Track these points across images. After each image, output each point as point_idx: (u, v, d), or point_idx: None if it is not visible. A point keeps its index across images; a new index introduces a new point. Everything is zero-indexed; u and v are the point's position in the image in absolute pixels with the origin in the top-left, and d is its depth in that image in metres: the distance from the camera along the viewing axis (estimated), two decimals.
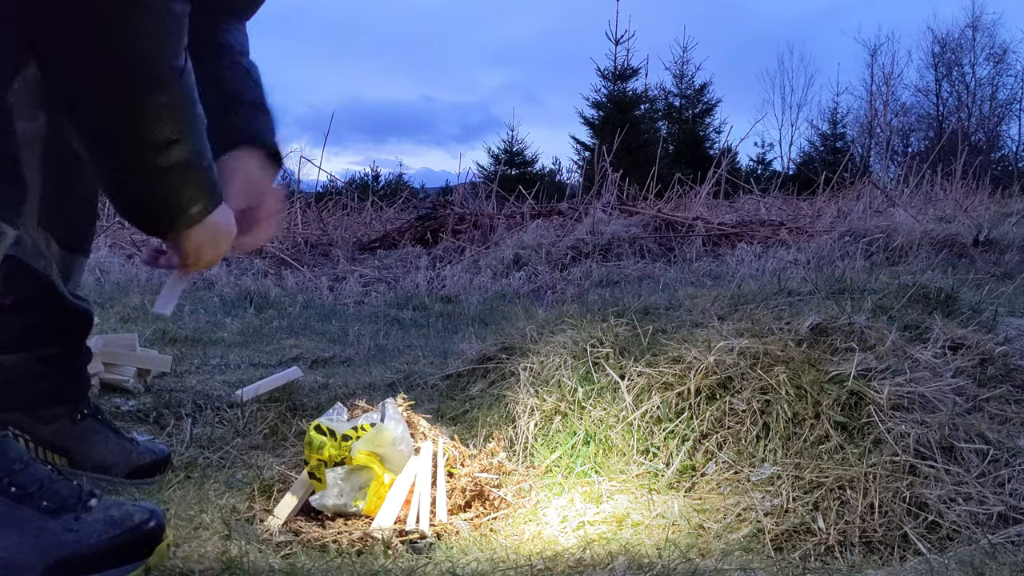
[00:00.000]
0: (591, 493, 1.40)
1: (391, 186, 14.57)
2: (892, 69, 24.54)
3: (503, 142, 16.66)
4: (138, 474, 1.37)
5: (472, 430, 1.65)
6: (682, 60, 18.80)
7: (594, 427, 1.55)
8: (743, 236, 4.98)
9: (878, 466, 1.32)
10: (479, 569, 1.09)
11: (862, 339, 1.69)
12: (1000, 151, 23.35)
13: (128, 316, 2.99)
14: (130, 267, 4.55)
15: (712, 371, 1.57)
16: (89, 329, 1.38)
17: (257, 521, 1.28)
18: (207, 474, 1.42)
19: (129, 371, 1.88)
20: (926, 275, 2.28)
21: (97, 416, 1.39)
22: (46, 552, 0.94)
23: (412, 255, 5.19)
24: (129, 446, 1.39)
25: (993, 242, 4.50)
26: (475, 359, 1.85)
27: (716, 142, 17.62)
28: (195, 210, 1.08)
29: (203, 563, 1.03)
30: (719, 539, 1.23)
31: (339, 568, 1.08)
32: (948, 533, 1.21)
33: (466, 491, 1.36)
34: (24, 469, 0.99)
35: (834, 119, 21.38)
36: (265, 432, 1.67)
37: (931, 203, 6.62)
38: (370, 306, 3.65)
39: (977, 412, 1.50)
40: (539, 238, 4.99)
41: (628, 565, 1.07)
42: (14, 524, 0.94)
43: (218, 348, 2.41)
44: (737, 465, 1.44)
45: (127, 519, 0.98)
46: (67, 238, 1.30)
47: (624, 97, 15.88)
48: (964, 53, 24.82)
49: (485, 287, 4.15)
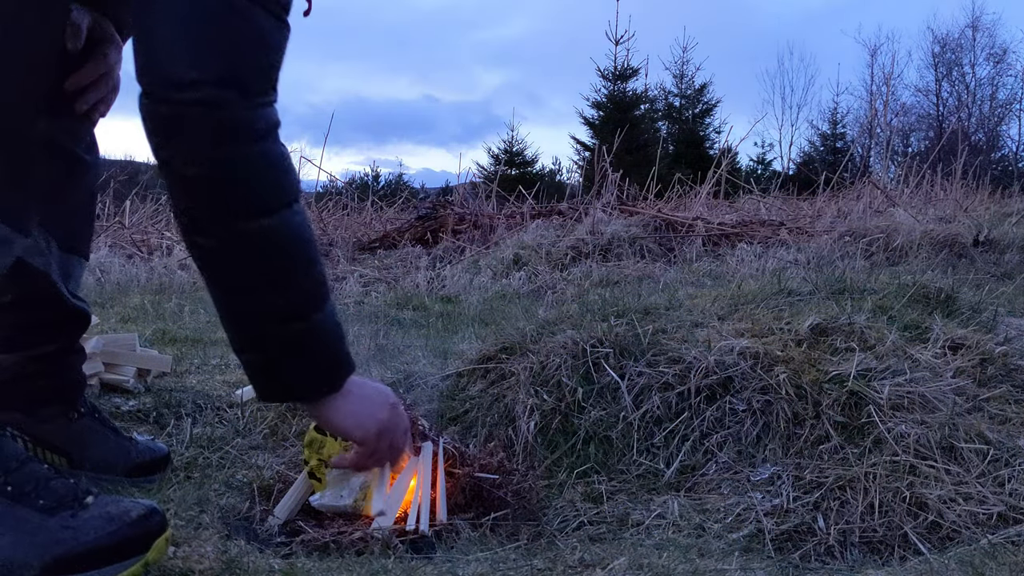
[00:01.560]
0: (591, 493, 1.40)
1: (391, 186, 14.58)
2: (892, 69, 24.56)
3: (503, 142, 16.68)
4: (138, 473, 1.37)
5: (472, 430, 1.65)
6: (682, 60, 18.82)
7: (594, 427, 1.55)
8: (743, 236, 4.98)
9: (878, 466, 1.32)
10: (479, 569, 1.09)
11: (862, 339, 1.69)
12: (1000, 151, 23.37)
13: (128, 316, 2.99)
14: (130, 267, 4.55)
15: (712, 371, 1.57)
16: (86, 329, 1.38)
17: (257, 521, 1.28)
18: (207, 474, 1.42)
19: (129, 371, 1.88)
20: (926, 275, 2.28)
21: (94, 415, 1.39)
22: (43, 550, 0.93)
23: (412, 255, 5.18)
24: (128, 445, 1.39)
25: (993, 242, 4.50)
26: (475, 359, 1.85)
27: (716, 142, 17.63)
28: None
29: (203, 563, 1.03)
30: (719, 539, 1.23)
31: (339, 568, 1.08)
32: (948, 533, 1.21)
33: (466, 491, 1.36)
34: (20, 468, 0.99)
35: (834, 119, 21.41)
36: (265, 432, 1.67)
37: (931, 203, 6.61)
38: (370, 306, 3.65)
39: (977, 412, 1.50)
40: (539, 238, 4.99)
41: (628, 565, 1.07)
42: (11, 523, 0.94)
43: (218, 348, 2.41)
44: (737, 465, 1.44)
45: (124, 515, 0.98)
46: (67, 240, 1.30)
47: (624, 97, 15.88)
48: (964, 53, 24.84)
49: (485, 287, 4.15)
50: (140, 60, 0.95)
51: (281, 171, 1.03)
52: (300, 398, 1.14)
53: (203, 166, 0.95)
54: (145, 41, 0.95)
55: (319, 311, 1.09)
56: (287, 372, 1.09)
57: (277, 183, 1.02)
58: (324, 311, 1.10)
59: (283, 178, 1.02)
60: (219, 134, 0.95)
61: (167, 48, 0.93)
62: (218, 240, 1.00)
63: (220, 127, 0.95)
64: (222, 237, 1.00)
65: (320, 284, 1.09)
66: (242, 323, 1.07)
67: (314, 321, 1.08)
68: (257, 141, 0.99)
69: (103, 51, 1.25)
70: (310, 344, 1.09)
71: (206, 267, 1.04)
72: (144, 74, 0.95)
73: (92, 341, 1.80)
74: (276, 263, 1.03)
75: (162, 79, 0.94)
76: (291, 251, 1.04)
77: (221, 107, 0.94)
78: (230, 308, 1.06)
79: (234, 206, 0.98)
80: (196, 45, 0.93)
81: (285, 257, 1.04)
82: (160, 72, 0.94)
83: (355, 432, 1.19)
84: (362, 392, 1.19)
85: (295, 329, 1.06)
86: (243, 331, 1.07)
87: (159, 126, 0.95)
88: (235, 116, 0.96)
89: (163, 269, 4.51)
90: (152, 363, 1.93)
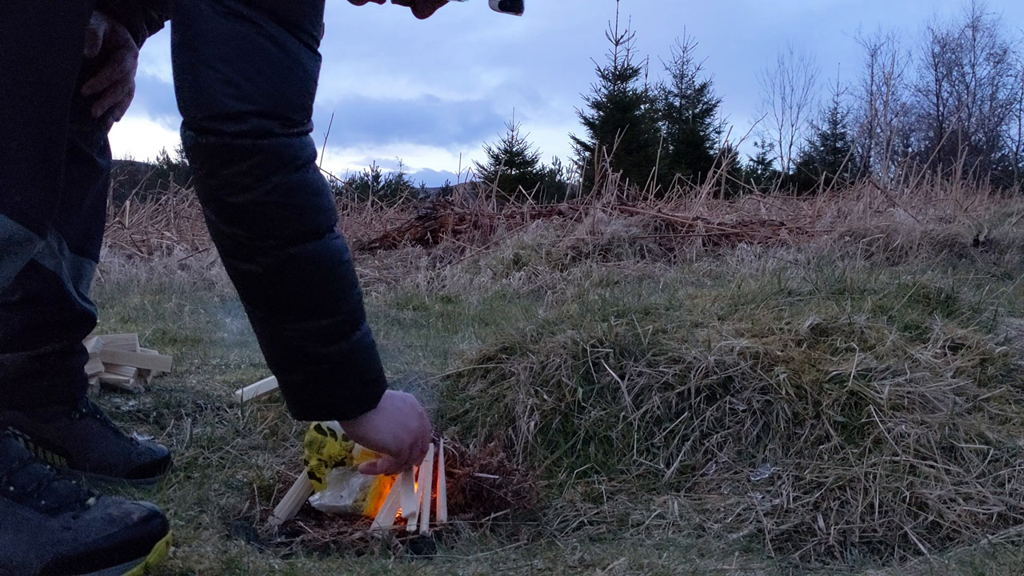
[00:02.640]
0: (591, 493, 1.40)
1: (391, 186, 14.57)
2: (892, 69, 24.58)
3: (503, 142, 16.72)
4: (138, 474, 1.37)
5: (472, 430, 1.65)
6: (682, 60, 18.86)
7: (594, 427, 1.55)
8: (743, 236, 4.98)
9: (878, 466, 1.32)
10: (479, 569, 1.09)
11: (862, 339, 1.69)
12: (1000, 151, 23.37)
13: (128, 316, 2.99)
14: (130, 267, 4.55)
15: (712, 371, 1.57)
16: (91, 330, 1.39)
17: (257, 521, 1.28)
18: (207, 474, 1.42)
19: (129, 371, 1.88)
20: (926, 275, 2.28)
21: (96, 416, 1.39)
22: (44, 550, 0.94)
23: (412, 255, 5.18)
24: (129, 446, 1.39)
25: (993, 242, 4.50)
26: (475, 359, 1.85)
27: (716, 142, 17.65)
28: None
29: (203, 563, 1.03)
30: (719, 539, 1.23)
31: (339, 568, 1.08)
32: (948, 533, 1.21)
33: (466, 491, 1.36)
34: (22, 468, 0.99)
35: (834, 119, 21.42)
36: (265, 432, 1.67)
37: (931, 203, 6.61)
38: (370, 306, 3.65)
39: (977, 412, 1.50)
40: (539, 238, 4.99)
41: (628, 565, 1.07)
42: (12, 523, 0.95)
43: (218, 348, 2.41)
44: (737, 465, 1.44)
45: (126, 517, 0.98)
46: (78, 242, 1.31)
47: (624, 97, 15.89)
48: (964, 53, 24.85)
49: (485, 287, 4.15)
50: (186, 94, 0.97)
51: (324, 196, 1.06)
52: (341, 416, 1.16)
53: (252, 193, 0.98)
54: (191, 75, 0.96)
55: (359, 330, 1.11)
56: (329, 391, 1.11)
57: (321, 208, 1.04)
58: (363, 329, 1.12)
59: (326, 203, 1.05)
60: (267, 163, 0.98)
61: (215, 83, 0.95)
62: (266, 265, 1.02)
63: (268, 156, 0.97)
64: (271, 262, 1.01)
65: (359, 303, 1.12)
66: (286, 344, 1.08)
67: (354, 340, 1.10)
68: (301, 168, 1.01)
69: (119, 57, 1.27)
70: (352, 363, 1.11)
71: (250, 290, 1.06)
72: (190, 108, 0.97)
73: (92, 341, 1.80)
74: (323, 285, 1.06)
75: (209, 112, 0.95)
76: (336, 273, 1.07)
77: (267, 136, 0.97)
78: (274, 330, 1.08)
79: (284, 232, 1.01)
80: (244, 80, 0.95)
81: (331, 279, 1.06)
82: (208, 105, 0.95)
83: (392, 446, 1.21)
84: (393, 405, 1.21)
85: (338, 349, 1.09)
86: (286, 352, 1.09)
87: (206, 157, 0.97)
88: (281, 145, 0.99)
89: (163, 269, 4.51)
90: (152, 363, 1.93)
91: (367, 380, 1.14)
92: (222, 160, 0.97)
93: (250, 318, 1.09)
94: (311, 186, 1.03)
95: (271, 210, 0.99)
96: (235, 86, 0.95)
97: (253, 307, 1.08)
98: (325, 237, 1.05)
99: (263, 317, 1.07)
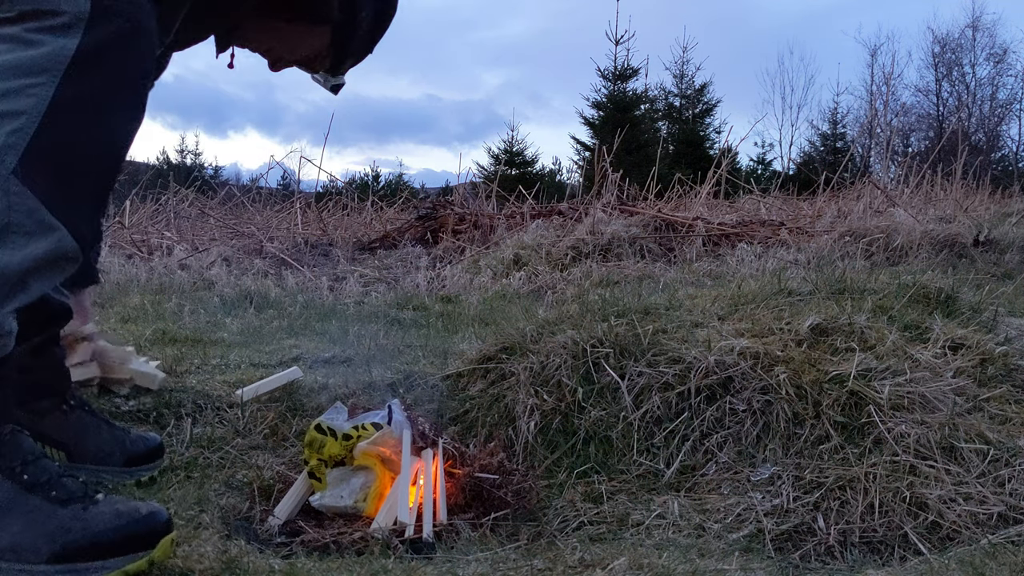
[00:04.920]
0: (591, 493, 1.40)
1: (391, 186, 14.58)
2: (892, 69, 24.57)
3: (503, 142, 16.71)
4: (135, 463, 1.38)
5: (472, 430, 1.65)
6: (682, 60, 18.83)
7: (594, 427, 1.55)
8: (743, 236, 4.97)
9: (878, 466, 1.32)
10: (479, 569, 1.09)
11: (862, 339, 1.69)
12: (1000, 151, 23.38)
13: (128, 316, 2.99)
14: (130, 267, 4.55)
15: (712, 371, 1.57)
16: (67, 321, 1.40)
17: (257, 521, 1.28)
18: (207, 474, 1.42)
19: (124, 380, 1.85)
20: (926, 275, 2.28)
21: (84, 407, 1.40)
22: (53, 537, 0.96)
23: (412, 255, 5.18)
24: (122, 435, 1.41)
25: (993, 242, 4.50)
26: (475, 359, 1.85)
27: (716, 142, 17.64)
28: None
29: (203, 563, 1.03)
30: (719, 539, 1.23)
31: (339, 568, 1.08)
32: (948, 533, 1.21)
33: (466, 491, 1.36)
34: (36, 461, 1.02)
35: (834, 119, 21.42)
36: (265, 432, 1.66)
37: (931, 203, 6.61)
38: (370, 306, 3.65)
39: (977, 412, 1.50)
40: (539, 238, 4.99)
41: (628, 565, 1.07)
42: (23, 509, 0.97)
43: (218, 348, 2.41)
44: (737, 465, 1.44)
45: (134, 511, 1.01)
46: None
47: (624, 97, 15.89)
48: (964, 53, 24.84)
49: (485, 287, 4.15)
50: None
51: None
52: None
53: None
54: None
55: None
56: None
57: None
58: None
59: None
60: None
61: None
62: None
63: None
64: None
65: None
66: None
67: None
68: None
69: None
70: None
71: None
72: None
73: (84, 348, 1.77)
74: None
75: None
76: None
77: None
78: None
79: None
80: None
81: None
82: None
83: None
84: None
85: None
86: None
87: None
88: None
89: (163, 269, 4.51)
90: (141, 379, 1.86)
91: None
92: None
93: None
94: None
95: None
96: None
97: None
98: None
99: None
